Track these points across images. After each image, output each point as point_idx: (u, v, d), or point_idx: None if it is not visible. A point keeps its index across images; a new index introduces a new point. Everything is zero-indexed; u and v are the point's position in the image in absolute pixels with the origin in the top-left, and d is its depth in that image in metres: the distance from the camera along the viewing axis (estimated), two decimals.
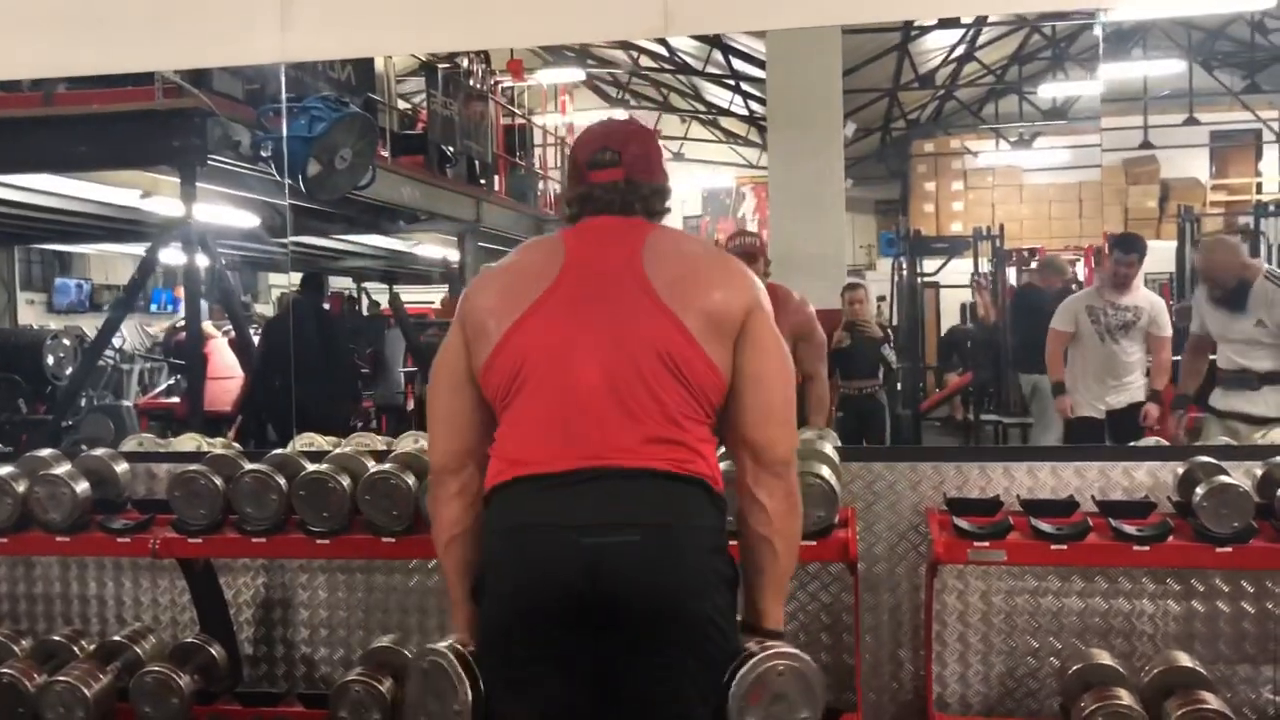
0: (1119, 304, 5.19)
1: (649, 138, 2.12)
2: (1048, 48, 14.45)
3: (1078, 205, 14.81)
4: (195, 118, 6.00)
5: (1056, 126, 15.34)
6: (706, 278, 1.92)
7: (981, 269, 10.83)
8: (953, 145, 14.90)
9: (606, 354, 1.84)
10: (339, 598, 3.46)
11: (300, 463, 3.12)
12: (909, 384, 8.91)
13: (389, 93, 9.68)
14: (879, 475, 3.18)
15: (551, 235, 2.06)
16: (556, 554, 1.79)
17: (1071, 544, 2.70)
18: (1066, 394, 5.38)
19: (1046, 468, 3.09)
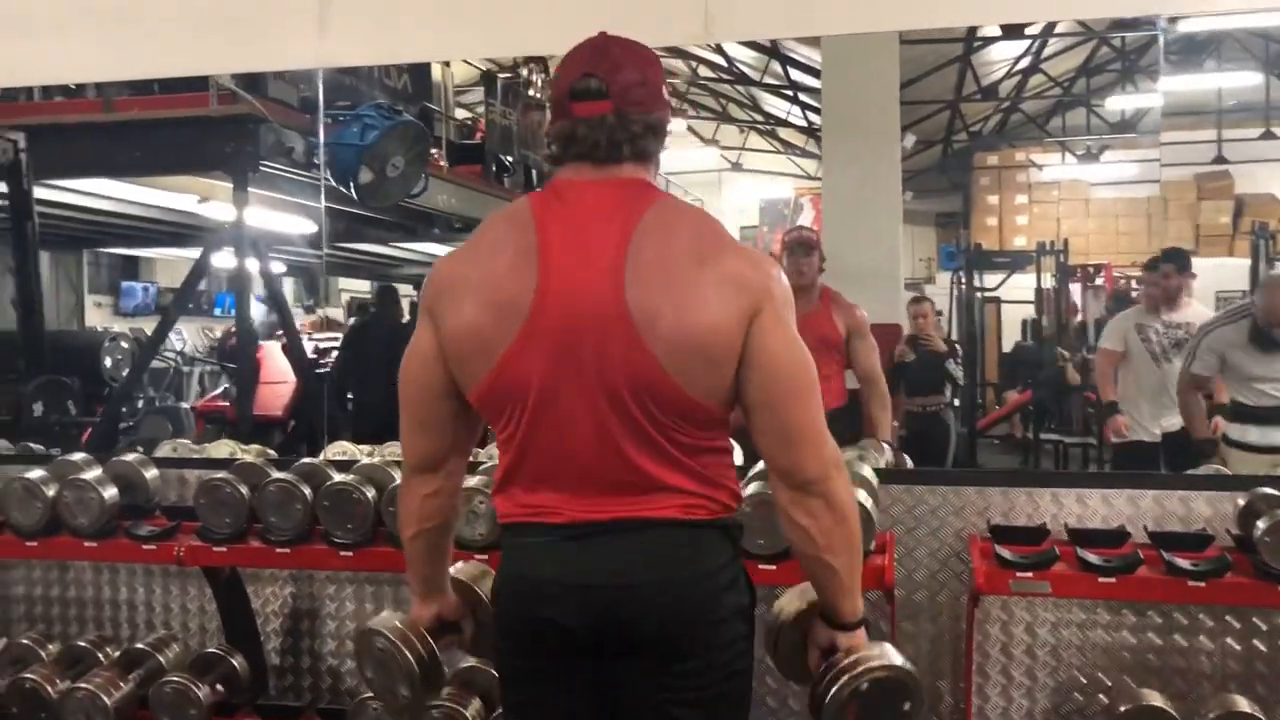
0: (1169, 321, 5.00)
1: (644, 61, 1.76)
2: (1116, 60, 14.10)
3: (1146, 220, 14.43)
4: (248, 124, 6.02)
5: (1125, 140, 14.96)
6: (697, 293, 1.64)
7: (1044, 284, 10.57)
8: (1017, 158, 14.59)
9: (593, 400, 1.67)
10: (367, 610, 3.41)
11: (327, 472, 3.09)
12: (967, 401, 8.70)
13: (446, 102, 9.70)
14: (921, 499, 3.06)
15: (522, 216, 1.72)
16: (563, 607, 1.71)
17: (1121, 577, 2.56)
18: (1120, 414, 5.19)
19: (1097, 495, 2.94)
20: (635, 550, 1.70)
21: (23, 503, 3.11)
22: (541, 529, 1.74)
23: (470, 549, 2.86)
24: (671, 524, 1.71)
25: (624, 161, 1.73)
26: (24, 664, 3.16)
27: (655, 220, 1.69)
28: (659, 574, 1.70)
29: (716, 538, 1.75)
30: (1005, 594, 2.74)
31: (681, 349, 1.65)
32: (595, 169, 1.73)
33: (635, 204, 1.70)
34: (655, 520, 1.70)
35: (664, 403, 1.67)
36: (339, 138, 6.63)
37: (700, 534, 1.73)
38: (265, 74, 6.12)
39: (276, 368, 7.95)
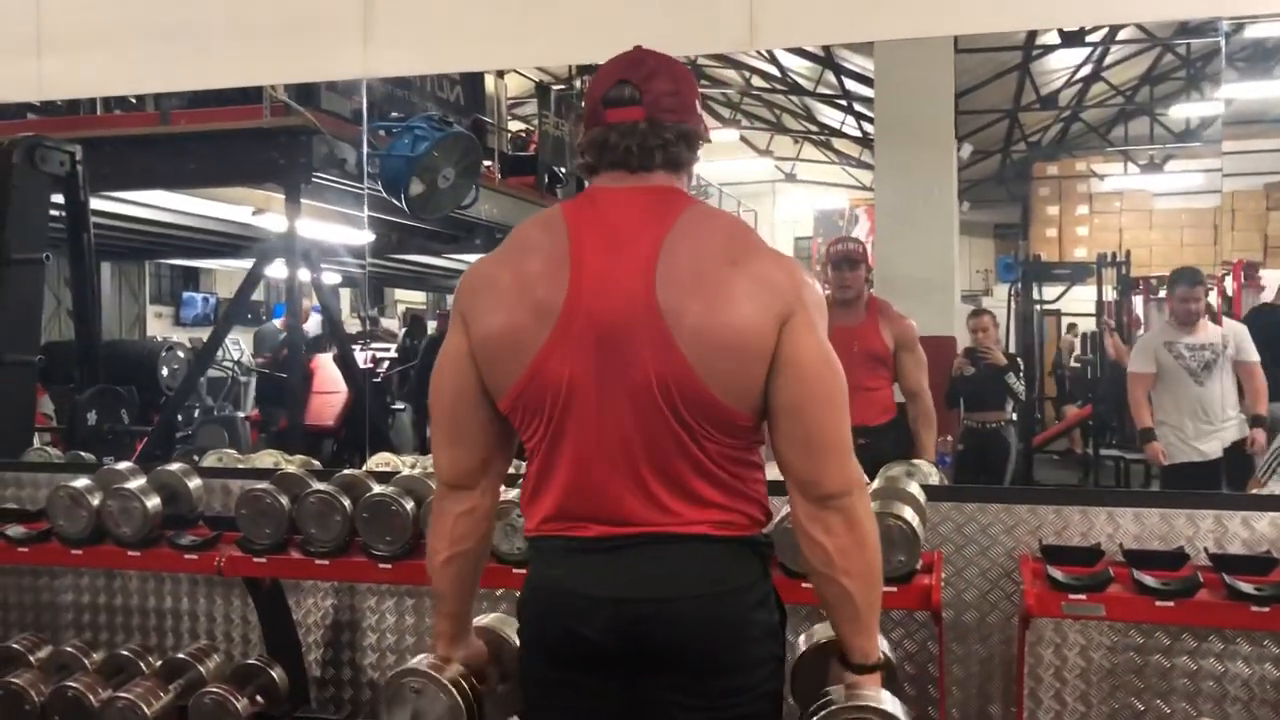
0: (1193, 343, 4.85)
1: (678, 72, 1.77)
2: (1181, 68, 13.81)
3: (1212, 231, 14.10)
4: (301, 136, 6.08)
5: (1190, 149, 14.63)
6: (729, 297, 1.62)
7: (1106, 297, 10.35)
8: (1078, 168, 14.33)
9: (624, 405, 1.64)
10: (407, 622, 3.40)
11: (367, 484, 3.07)
12: (1024, 415, 8.53)
13: (499, 114, 9.74)
14: (971, 517, 2.97)
15: (555, 223, 1.71)
16: (592, 622, 1.67)
17: (1179, 600, 2.46)
18: (1156, 440, 5.03)
19: (1155, 514, 2.84)
20: (666, 565, 1.66)
21: (69, 511, 3.13)
22: (570, 542, 1.70)
23: (508, 563, 2.83)
24: (702, 539, 1.66)
25: (656, 169, 1.72)
26: (68, 671, 3.18)
27: (687, 225, 1.68)
28: (690, 589, 1.66)
29: (746, 554, 1.71)
30: (1056, 616, 2.65)
31: (711, 349, 1.62)
32: (628, 176, 1.72)
33: (668, 210, 1.69)
34: (685, 535, 1.66)
35: (693, 405, 1.63)
36: (390, 149, 6.66)
37: (730, 550, 1.69)
38: (318, 86, 6.19)
39: (329, 377, 8.01)
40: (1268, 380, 6.49)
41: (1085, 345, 11.29)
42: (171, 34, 3.33)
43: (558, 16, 3.18)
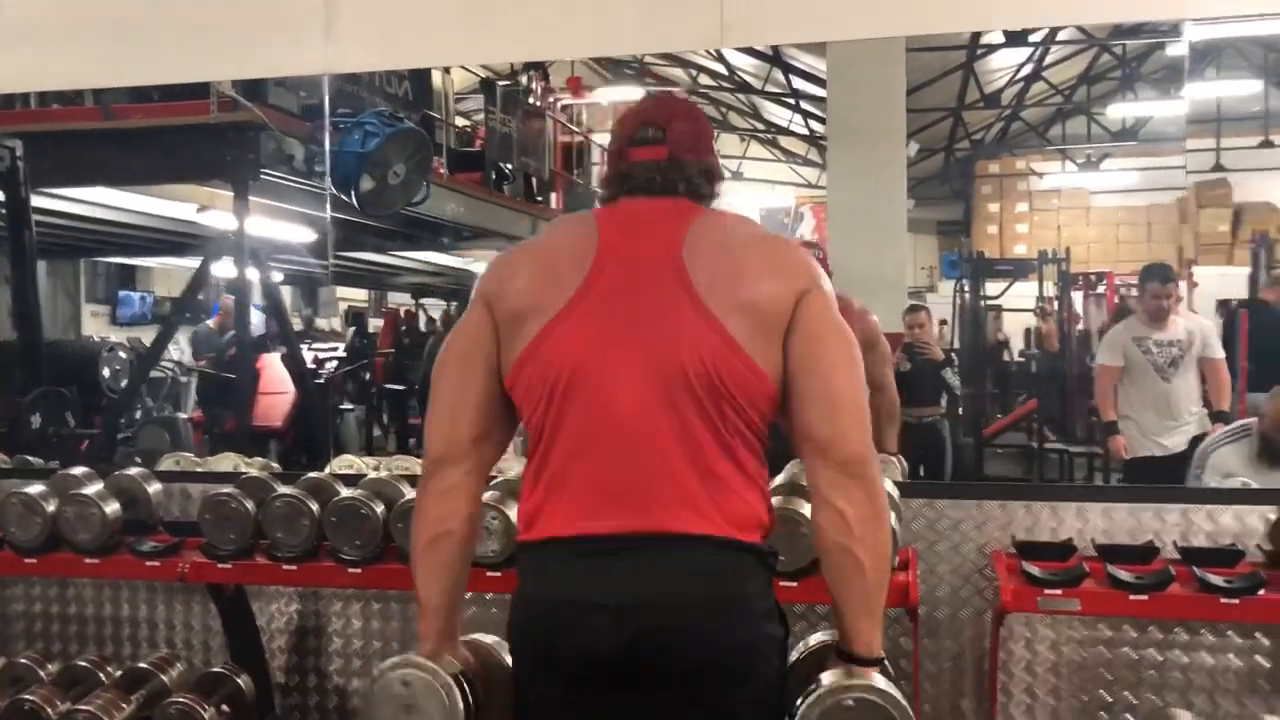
0: (1161, 340, 4.93)
1: (697, 115, 1.91)
2: (1118, 67, 14.09)
3: (1146, 229, 14.41)
4: (249, 132, 5.97)
5: (1126, 148, 14.94)
6: (754, 268, 1.70)
7: (1046, 293, 10.54)
8: (1018, 166, 14.56)
9: (645, 379, 1.62)
10: (374, 627, 3.35)
11: (334, 487, 3.02)
12: (972, 410, 8.64)
13: (447, 109, 9.65)
14: (942, 513, 2.99)
15: (583, 215, 1.85)
16: (593, 632, 1.62)
17: (1152, 594, 2.49)
18: (1120, 434, 5.11)
19: (1123, 509, 2.88)
20: (673, 571, 1.62)
21: (21, 519, 3.03)
22: (572, 543, 1.65)
23: (483, 566, 2.80)
24: (713, 542, 1.63)
25: (677, 195, 1.79)
26: (23, 684, 3.08)
27: (709, 218, 1.78)
28: (698, 595, 1.62)
29: (755, 563, 1.68)
30: (1032, 611, 2.67)
31: (744, 311, 1.67)
32: (650, 198, 1.79)
33: (690, 212, 1.78)
34: (693, 536, 1.62)
35: (727, 373, 1.65)
36: (340, 145, 6.58)
37: (740, 558, 1.66)
38: (265, 81, 6.07)
39: (276, 378, 7.89)
40: (1256, 374, 6.69)
41: (1027, 340, 11.50)
42: (129, 29, 3.23)
43: (526, 13, 3.13)
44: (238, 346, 6.73)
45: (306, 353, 8.50)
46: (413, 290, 14.62)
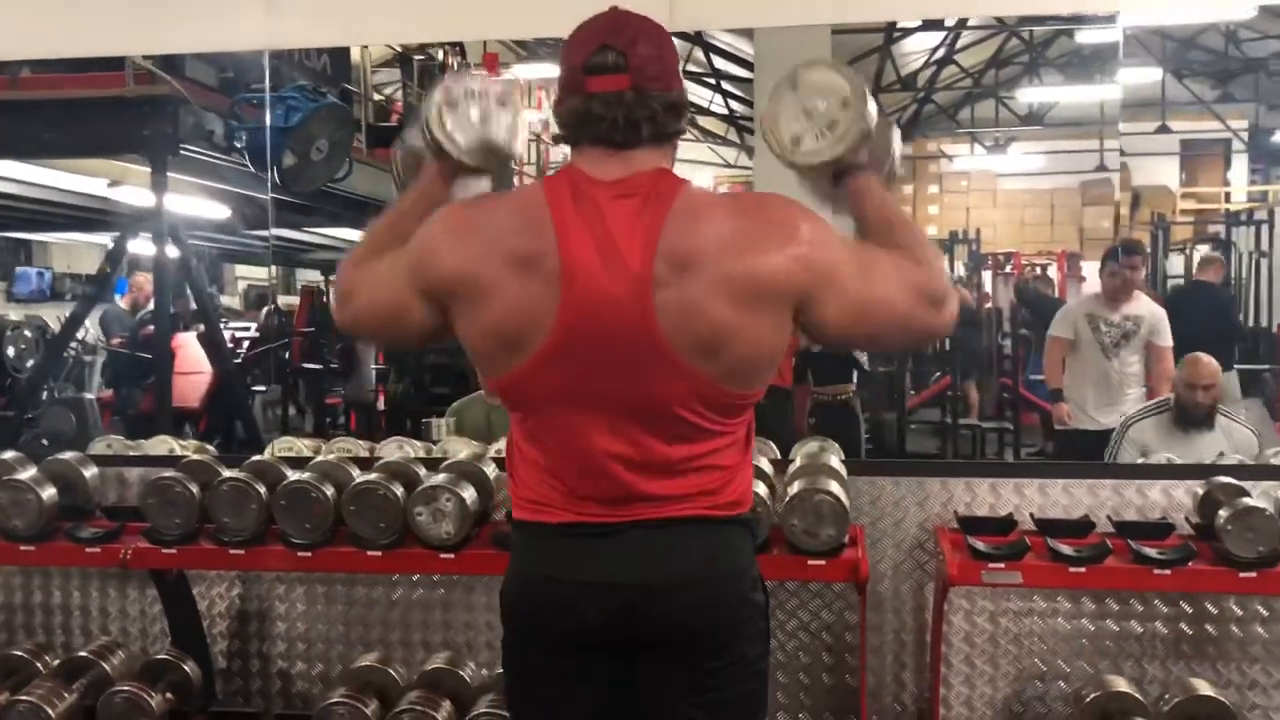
0: (1120, 314, 5.11)
1: (662, 36, 1.66)
2: (1024, 52, 14.45)
3: (1050, 211, 14.84)
4: (167, 105, 5.78)
5: (1032, 132, 15.35)
6: (739, 289, 1.56)
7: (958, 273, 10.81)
8: (930, 148, 14.86)
9: (621, 414, 1.62)
10: (318, 610, 3.32)
11: (281, 470, 2.98)
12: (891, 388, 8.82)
13: (365, 84, 9.49)
14: (884, 490, 3.08)
15: (537, 205, 1.59)
16: (588, 606, 1.65)
17: (1091, 567, 2.61)
18: (1064, 402, 5.30)
19: (1059, 485, 3.00)
20: (664, 547, 1.65)
21: None
22: (561, 527, 1.67)
23: (435, 548, 2.80)
24: (699, 521, 1.66)
25: (642, 144, 1.62)
26: None
27: (681, 220, 1.58)
28: (689, 572, 1.65)
29: (739, 534, 1.72)
30: (977, 585, 2.77)
31: (726, 358, 1.60)
32: (612, 154, 1.62)
33: (657, 201, 1.59)
34: (679, 518, 1.65)
35: (706, 400, 1.62)
36: (260, 121, 6.43)
37: (726, 531, 1.69)
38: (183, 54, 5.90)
39: (192, 358, 7.70)
40: (1212, 355, 6.91)
41: None
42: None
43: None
44: (156, 325, 6.54)
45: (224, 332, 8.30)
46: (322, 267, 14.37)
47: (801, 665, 3.09)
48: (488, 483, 2.96)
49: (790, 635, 3.09)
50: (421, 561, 2.88)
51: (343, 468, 2.97)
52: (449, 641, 3.22)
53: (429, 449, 3.57)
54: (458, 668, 2.95)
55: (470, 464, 2.99)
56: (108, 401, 8.99)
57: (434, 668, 2.96)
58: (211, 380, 7.47)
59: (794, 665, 3.08)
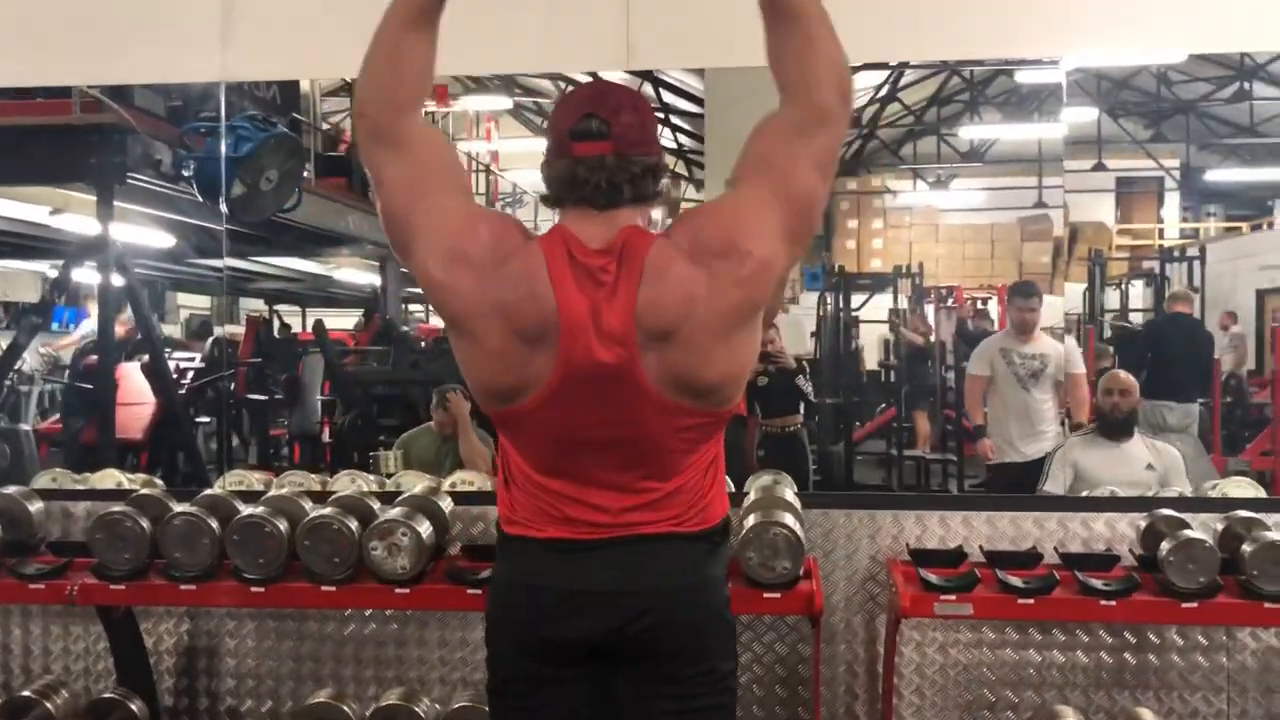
0: (1026, 352, 5.25)
1: (643, 105, 1.79)
2: (965, 91, 14.78)
3: (990, 246, 15.16)
4: (115, 134, 5.74)
5: (973, 169, 15.68)
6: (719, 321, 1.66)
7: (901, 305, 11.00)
8: (874, 184, 15.11)
9: (610, 451, 1.72)
10: (269, 646, 3.28)
11: (234, 504, 2.95)
12: (837, 420, 8.91)
13: (314, 113, 9.46)
14: (837, 523, 3.12)
15: (539, 272, 1.65)
16: (573, 614, 1.71)
17: (1039, 598, 2.67)
18: (987, 437, 5.41)
19: (1006, 517, 3.06)
20: (647, 559, 1.72)
21: None
22: (548, 542, 1.73)
23: (390, 583, 2.79)
24: (680, 536, 1.74)
25: (623, 205, 1.71)
26: None
27: (655, 271, 1.66)
28: (672, 580, 1.73)
29: (717, 550, 1.79)
30: (929, 616, 2.81)
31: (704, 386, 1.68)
32: (595, 214, 1.71)
33: (634, 256, 1.67)
34: (661, 534, 1.72)
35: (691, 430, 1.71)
36: (208, 150, 6.38)
37: (704, 545, 1.76)
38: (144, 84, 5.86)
39: (135, 388, 7.58)
40: (1181, 381, 7.06)
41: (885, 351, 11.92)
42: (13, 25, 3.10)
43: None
44: (100, 355, 6.44)
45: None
46: (267, 297, 14.23)
47: (756, 698, 3.11)
48: (443, 517, 2.96)
49: (744, 668, 3.11)
50: (376, 596, 2.86)
51: (296, 502, 2.95)
52: (402, 677, 3.20)
53: (381, 482, 3.56)
54: (412, 703, 2.94)
55: (426, 498, 2.98)
56: (46, 433, 8.82)
57: (388, 704, 2.94)
58: (155, 411, 7.36)
59: (748, 698, 3.10)
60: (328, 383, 8.60)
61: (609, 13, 2.95)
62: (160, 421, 7.33)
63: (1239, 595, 2.65)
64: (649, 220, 1.78)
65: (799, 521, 2.77)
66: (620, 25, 3.04)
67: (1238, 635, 3.00)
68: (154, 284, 12.01)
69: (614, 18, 2.94)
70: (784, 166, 1.70)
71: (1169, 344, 7.47)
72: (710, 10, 2.95)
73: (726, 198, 1.74)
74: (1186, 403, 7.14)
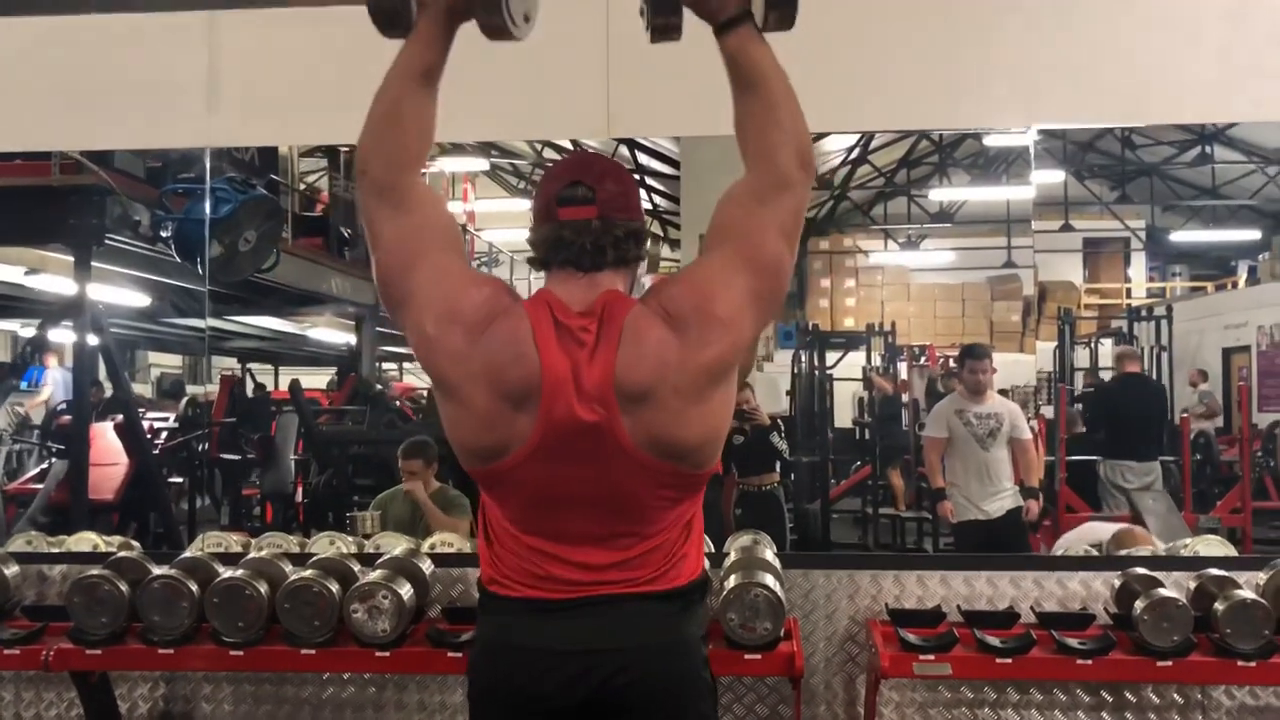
0: (981, 412, 5.33)
1: (626, 175, 1.88)
2: (934, 153, 15.06)
3: (961, 305, 15.35)
4: (93, 195, 5.76)
5: (942, 229, 15.93)
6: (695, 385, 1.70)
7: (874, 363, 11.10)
8: (846, 243, 15.31)
9: (590, 510, 1.75)
10: (245, 710, 3.24)
11: (213, 567, 2.95)
12: (813, 478, 8.94)
13: (292, 174, 9.53)
14: (816, 583, 3.14)
15: (525, 336, 1.69)
16: (554, 674, 1.72)
17: (1017, 657, 2.69)
18: (948, 499, 5.46)
19: (983, 576, 3.09)
20: (627, 619, 1.74)
21: None
22: (529, 602, 1.75)
23: (371, 646, 2.78)
24: (658, 596, 1.75)
25: (606, 268, 1.77)
26: None
27: (633, 335, 1.71)
28: (651, 640, 1.74)
29: (688, 607, 1.80)
30: (909, 676, 2.83)
31: (683, 447, 1.71)
32: (579, 276, 1.76)
33: (613, 319, 1.71)
34: (637, 594, 1.74)
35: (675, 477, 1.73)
36: (188, 212, 6.41)
37: (682, 605, 1.78)
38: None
39: (107, 448, 7.52)
40: (1137, 440, 7.15)
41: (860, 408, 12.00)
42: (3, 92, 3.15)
43: None
44: (73, 416, 6.41)
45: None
46: (239, 355, 14.18)
47: None
48: (424, 579, 2.96)
49: None
50: (356, 660, 2.86)
51: (276, 564, 2.95)
52: None
53: (360, 544, 3.56)
54: None
55: (406, 560, 2.99)
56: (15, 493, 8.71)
57: None
58: (128, 471, 7.30)
59: None
60: (301, 442, 8.56)
61: (590, 84, 3.03)
62: (133, 482, 7.27)
63: (1212, 653, 2.69)
64: (632, 282, 1.83)
65: (779, 582, 2.80)
66: (601, 96, 3.12)
67: (1212, 693, 3.03)
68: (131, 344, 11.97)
69: (595, 88, 3.02)
70: (749, 233, 1.74)
71: (1123, 404, 7.58)
72: (686, 82, 3.00)
73: (697, 265, 1.78)
74: (1146, 460, 7.23)
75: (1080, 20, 3.15)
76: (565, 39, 3.09)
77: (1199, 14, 3.12)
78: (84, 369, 6.27)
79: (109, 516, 7.33)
